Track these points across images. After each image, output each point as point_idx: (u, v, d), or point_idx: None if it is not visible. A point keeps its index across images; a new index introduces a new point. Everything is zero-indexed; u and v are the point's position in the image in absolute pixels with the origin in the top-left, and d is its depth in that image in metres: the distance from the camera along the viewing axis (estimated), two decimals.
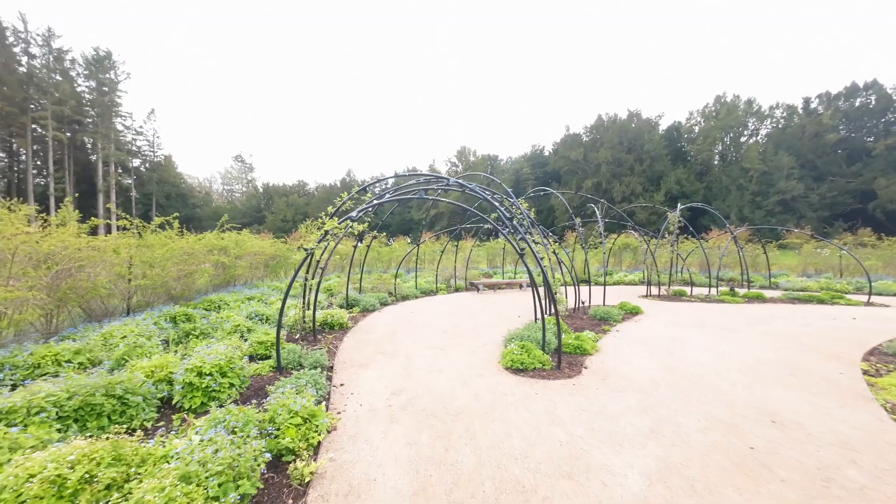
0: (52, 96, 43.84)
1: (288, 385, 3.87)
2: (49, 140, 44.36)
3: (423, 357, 5.78)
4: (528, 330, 6.53)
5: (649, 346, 6.45)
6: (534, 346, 5.66)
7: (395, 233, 47.43)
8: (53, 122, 44.32)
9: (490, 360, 5.63)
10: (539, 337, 6.08)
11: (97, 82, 49.03)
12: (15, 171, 49.37)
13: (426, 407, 3.88)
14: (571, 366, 5.35)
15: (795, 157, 40.55)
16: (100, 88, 49.20)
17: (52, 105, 43.75)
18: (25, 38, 43.08)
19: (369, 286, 12.67)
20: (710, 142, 50.53)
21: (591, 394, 4.25)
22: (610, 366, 5.34)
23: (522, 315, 9.53)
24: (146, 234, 8.70)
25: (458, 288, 15.48)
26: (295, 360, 5.19)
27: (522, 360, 5.25)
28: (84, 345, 4.78)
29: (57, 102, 43.99)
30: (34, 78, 43.02)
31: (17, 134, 43.18)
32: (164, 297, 8.78)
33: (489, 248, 25.57)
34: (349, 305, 10.14)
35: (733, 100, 52.38)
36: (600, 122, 56.53)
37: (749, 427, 3.47)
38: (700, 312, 9.90)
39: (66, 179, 47.79)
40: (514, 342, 6.06)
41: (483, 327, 8.00)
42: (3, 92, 40.34)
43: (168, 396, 3.83)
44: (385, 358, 5.75)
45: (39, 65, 44.07)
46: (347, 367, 5.29)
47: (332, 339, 6.98)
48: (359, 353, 6.02)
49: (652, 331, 7.67)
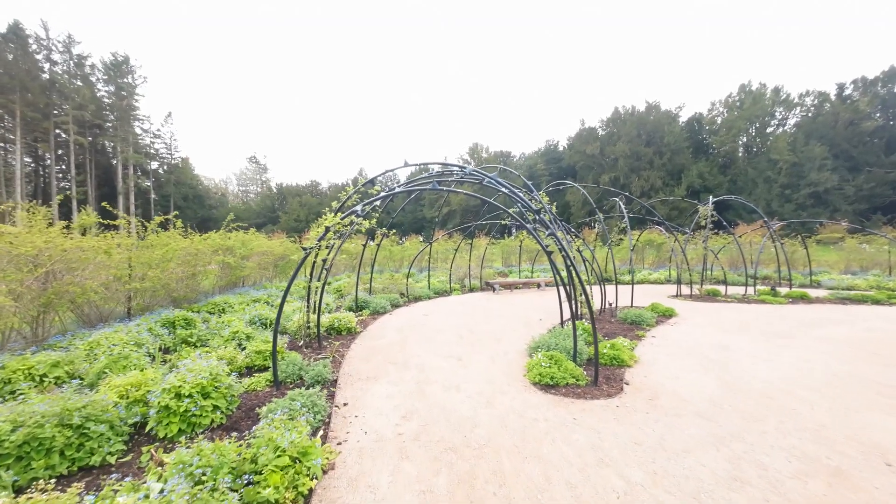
0: (73, 101, 44.98)
1: (279, 410, 3.28)
2: (71, 144, 45.56)
3: (437, 369, 5.14)
4: (555, 337, 5.81)
5: (696, 356, 5.65)
6: (563, 357, 4.95)
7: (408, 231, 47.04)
8: (75, 127, 45.51)
9: (514, 373, 4.94)
10: (568, 345, 5.36)
11: (116, 87, 50.10)
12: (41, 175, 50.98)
13: (443, 437, 3.24)
14: (609, 381, 4.62)
15: (828, 146, 38.23)
16: (118, 93, 50.27)
17: (74, 110, 44.88)
18: (47, 44, 44.26)
19: (380, 287, 12.12)
20: (735, 133, 48.25)
21: (640, 420, 3.53)
22: (655, 381, 4.59)
23: (544, 318, 8.80)
24: (148, 235, 8.33)
25: (473, 288, 14.80)
26: (295, 372, 4.63)
27: (552, 375, 4.55)
28: (64, 356, 4.31)
29: (78, 107, 45.09)
30: (56, 84, 44.19)
31: (41, 139, 44.42)
32: (166, 299, 8.40)
33: (504, 245, 24.78)
34: (359, 308, 9.60)
35: (759, 88, 49.88)
36: (617, 114, 54.77)
37: (858, 471, 2.70)
38: (741, 314, 8.96)
39: (88, 183, 49.02)
40: (539, 351, 5.35)
41: (502, 332, 7.31)
42: (27, 98, 41.51)
43: (144, 421, 3.29)
44: (395, 369, 5.13)
45: (61, 71, 45.26)
46: (353, 382, 4.69)
47: (338, 346, 6.41)
48: (366, 364, 5.42)
49: (693, 337, 6.83)
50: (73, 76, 46.52)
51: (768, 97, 48.80)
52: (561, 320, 6.82)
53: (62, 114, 44.71)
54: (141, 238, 8.21)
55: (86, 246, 5.59)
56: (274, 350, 4.30)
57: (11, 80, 39.98)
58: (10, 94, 40.04)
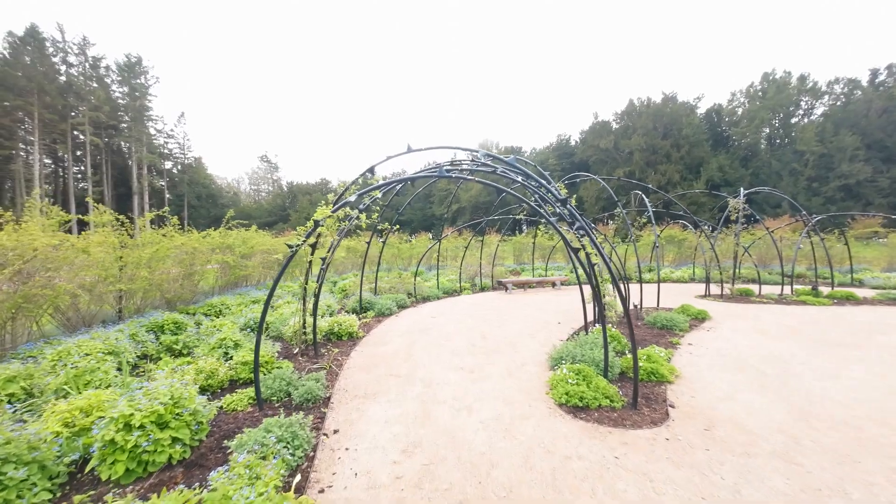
0: (89, 103, 45.67)
1: (251, 444, 2.66)
2: (87, 145, 46.35)
3: (445, 384, 4.47)
4: (580, 346, 5.09)
5: (747, 369, 4.85)
6: (592, 372, 4.23)
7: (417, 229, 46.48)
8: (90, 128, 46.25)
9: (535, 390, 4.25)
10: (596, 357, 4.63)
11: (130, 87, 50.75)
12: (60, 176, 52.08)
13: (452, 483, 2.57)
14: (650, 402, 3.89)
15: (860, 136, 36.11)
16: (132, 93, 50.91)
17: (90, 111, 45.55)
18: (63, 47, 45.01)
19: (387, 286, 11.52)
20: (757, 124, 46.10)
21: (702, 461, 2.80)
22: (706, 403, 3.83)
23: (563, 321, 8.06)
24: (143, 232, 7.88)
25: (485, 287, 14.09)
26: (282, 388, 4.02)
27: (581, 394, 3.83)
28: (22, 369, 3.79)
29: (93, 108, 45.74)
30: (73, 86, 44.92)
31: (59, 140, 45.26)
32: (161, 301, 7.94)
33: (515, 242, 23.98)
34: (363, 309, 9.01)
35: (784, 76, 47.60)
36: (632, 107, 53.04)
37: None
38: (784, 318, 8.05)
39: (104, 183, 49.84)
40: (564, 364, 4.65)
41: (518, 338, 6.61)
42: (44, 100, 42.26)
43: (88, 457, 2.71)
44: (398, 384, 4.49)
45: (76, 73, 46.00)
46: (348, 399, 4.07)
47: (337, 353, 5.80)
48: (366, 375, 4.80)
49: (736, 345, 6.01)
50: (89, 78, 47.26)
51: (793, 85, 46.50)
52: (585, 325, 6.10)
53: (78, 115, 45.44)
54: (131, 236, 7.76)
55: (62, 245, 5.09)
56: (256, 364, 3.69)
57: (29, 83, 40.73)
58: (29, 97, 40.83)
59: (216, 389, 4.22)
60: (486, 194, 54.43)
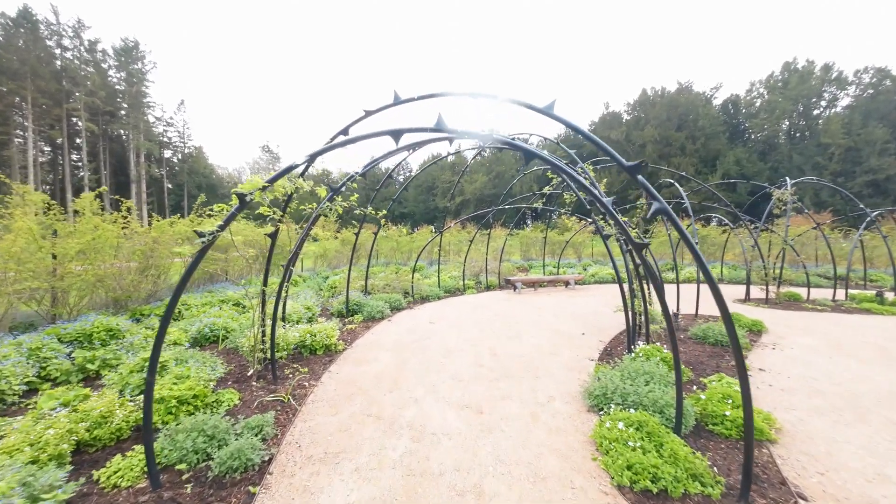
0: (84, 87, 44.39)
1: None
2: (83, 132, 45.20)
3: (444, 435, 3.12)
4: (627, 376, 3.72)
5: (867, 416, 3.44)
6: (657, 423, 2.88)
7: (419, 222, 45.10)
8: (86, 114, 45.04)
9: (575, 452, 2.88)
10: (657, 397, 3.26)
11: (127, 73, 49.38)
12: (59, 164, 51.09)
13: None
14: (762, 484, 2.50)
15: (890, 128, 33.97)
16: (129, 79, 49.57)
17: (86, 97, 44.31)
18: (57, 30, 43.63)
19: (381, 284, 10.17)
20: (777, 116, 43.91)
21: None
22: (852, 489, 2.45)
23: (587, 331, 6.68)
24: (82, 217, 6.56)
25: (490, 285, 12.71)
26: (198, 449, 2.68)
27: (654, 470, 2.45)
28: None
29: (89, 94, 44.51)
30: (67, 70, 43.63)
31: (56, 126, 44.14)
32: (106, 300, 6.65)
33: (523, 237, 22.51)
34: (349, 312, 7.67)
35: (806, 66, 45.16)
36: (645, 96, 50.95)
37: None
38: (861, 332, 6.60)
39: (102, 170, 48.81)
40: (611, 405, 3.31)
41: (538, 356, 5.24)
42: (39, 85, 41.05)
43: None
44: (376, 434, 3.15)
45: (71, 56, 44.65)
46: (298, 466, 2.72)
47: (304, 376, 4.47)
48: (333, 417, 3.46)
49: (823, 371, 4.60)
50: (85, 62, 45.91)
51: (817, 75, 44.10)
52: (628, 344, 4.71)
53: (73, 101, 44.21)
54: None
55: None
56: (146, 420, 2.36)
57: (23, 66, 39.53)
58: (22, 81, 39.65)
59: (106, 444, 2.89)
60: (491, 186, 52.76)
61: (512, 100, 2.80)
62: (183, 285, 2.47)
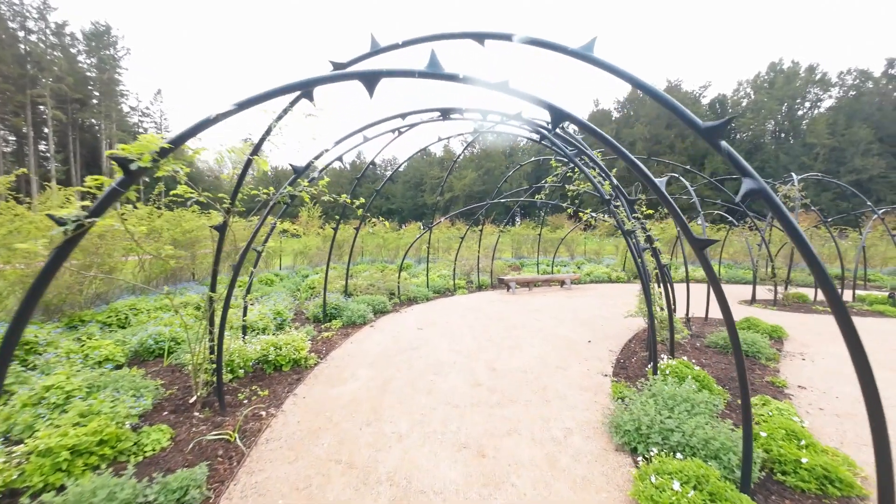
0: (51, 73, 41.70)
1: None
2: (49, 120, 42.53)
3: (434, 492, 2.33)
4: (664, 406, 3.00)
5: None
6: (717, 477, 2.15)
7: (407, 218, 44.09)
8: (52, 101, 42.36)
9: None
10: (709, 435, 2.54)
11: (98, 59, 46.70)
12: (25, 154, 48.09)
13: None
14: None
15: (874, 129, 34.57)
16: (100, 65, 46.90)
17: (52, 83, 41.64)
18: (21, 11, 40.81)
19: (364, 283, 9.29)
20: (763, 116, 44.41)
21: None
22: None
23: (593, 338, 5.99)
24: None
25: (482, 285, 11.97)
26: None
27: None
28: None
29: (56, 79, 41.84)
30: (32, 54, 40.89)
31: (18, 114, 41.40)
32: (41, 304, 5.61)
33: (514, 234, 21.85)
34: (327, 317, 6.80)
35: (792, 67, 45.78)
36: (635, 94, 50.86)
37: None
38: (888, 340, 6.08)
39: (72, 161, 46.15)
40: (651, 450, 2.56)
41: (543, 371, 4.49)
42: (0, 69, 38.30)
43: None
44: (346, 494, 2.33)
45: (36, 39, 41.87)
46: None
47: (261, 402, 3.62)
48: (291, 466, 2.63)
49: None
50: (51, 46, 43.14)
51: (801, 76, 44.74)
52: (652, 358, 3.99)
53: (40, 87, 41.49)
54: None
55: None
56: None
57: None
58: None
59: None
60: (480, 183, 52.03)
61: (532, 39, 2.00)
62: (35, 300, 1.60)
